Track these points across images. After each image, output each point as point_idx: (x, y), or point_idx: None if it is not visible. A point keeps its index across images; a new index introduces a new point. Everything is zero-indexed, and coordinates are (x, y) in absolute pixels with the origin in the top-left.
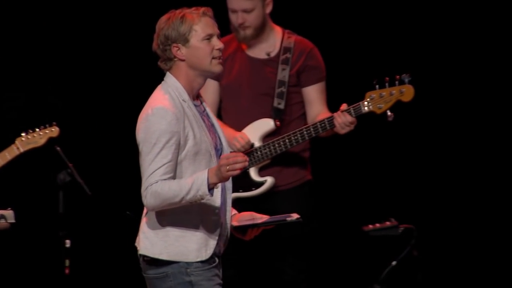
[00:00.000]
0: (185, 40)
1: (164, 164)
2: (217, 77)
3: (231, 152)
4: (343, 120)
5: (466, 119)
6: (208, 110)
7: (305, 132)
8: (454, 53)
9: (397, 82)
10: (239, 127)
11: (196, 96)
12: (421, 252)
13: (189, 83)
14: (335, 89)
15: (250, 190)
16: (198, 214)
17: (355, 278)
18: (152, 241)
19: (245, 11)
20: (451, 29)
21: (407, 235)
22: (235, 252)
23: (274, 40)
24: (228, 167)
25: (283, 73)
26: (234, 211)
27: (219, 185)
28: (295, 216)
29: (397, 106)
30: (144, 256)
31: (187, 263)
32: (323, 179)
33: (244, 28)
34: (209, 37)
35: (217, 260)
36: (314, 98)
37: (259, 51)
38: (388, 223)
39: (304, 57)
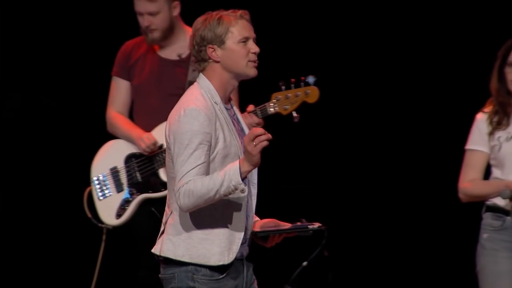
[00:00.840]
0: (221, 42)
1: (197, 165)
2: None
3: None
4: (250, 121)
5: (370, 119)
6: (239, 114)
7: None
8: (358, 54)
9: (302, 84)
10: (150, 127)
11: (228, 100)
12: (331, 252)
13: (223, 85)
14: (243, 90)
15: (160, 191)
16: (223, 217)
17: (266, 279)
18: (175, 243)
19: (151, 14)
20: (353, 30)
21: (318, 236)
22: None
23: (185, 42)
24: (254, 143)
25: (193, 74)
26: (257, 218)
27: (245, 189)
28: (317, 224)
29: (302, 107)
30: (160, 256)
31: (195, 268)
32: None
33: (151, 31)
34: (245, 40)
35: (235, 265)
36: None
37: (170, 52)
38: (299, 223)
39: None
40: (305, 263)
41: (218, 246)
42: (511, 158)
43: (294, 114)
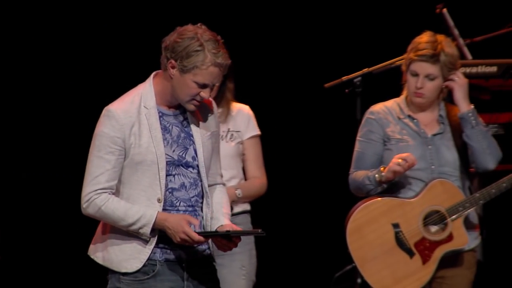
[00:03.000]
0: (183, 68)
1: (107, 170)
2: None
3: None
4: None
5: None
6: (195, 121)
7: None
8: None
9: None
10: None
11: (177, 106)
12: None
13: (165, 95)
14: None
15: None
16: None
17: None
18: (96, 242)
19: None
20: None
21: None
22: None
23: None
24: (179, 238)
25: None
26: (222, 222)
27: (162, 193)
28: (259, 230)
29: None
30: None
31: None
32: None
33: None
34: (203, 86)
35: (169, 267)
36: None
37: None
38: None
39: None
40: None
41: (124, 253)
42: None
43: None
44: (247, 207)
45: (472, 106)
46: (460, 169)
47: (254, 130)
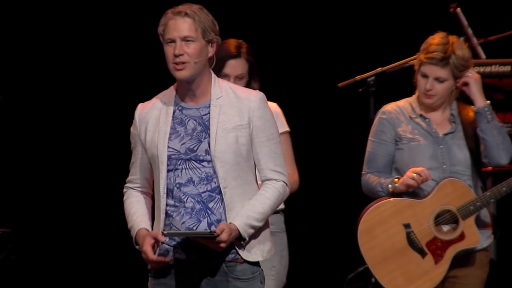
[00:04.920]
0: (162, 41)
1: (133, 164)
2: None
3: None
4: None
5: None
6: (216, 114)
7: None
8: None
9: None
10: None
11: (197, 99)
12: (18, 256)
13: (183, 88)
14: None
15: None
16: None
17: None
18: None
19: None
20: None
21: (4, 240)
22: None
23: None
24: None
25: None
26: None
27: (164, 188)
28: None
29: None
30: None
31: None
32: None
33: None
34: (170, 41)
35: (178, 270)
36: None
37: None
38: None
39: None
40: None
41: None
42: None
43: None
44: (281, 205)
45: (488, 102)
46: (472, 168)
47: (282, 127)
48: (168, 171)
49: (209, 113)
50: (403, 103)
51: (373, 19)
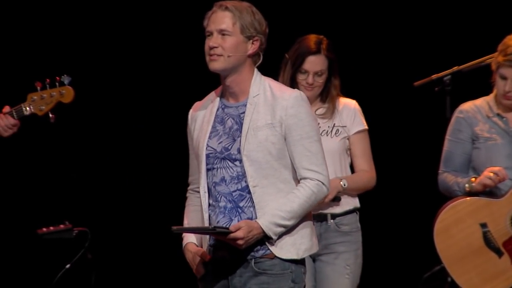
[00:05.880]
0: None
1: (190, 164)
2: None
3: None
4: (6, 123)
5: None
6: (250, 112)
7: None
8: (111, 56)
9: (57, 84)
10: None
11: (238, 97)
12: (94, 254)
13: (226, 86)
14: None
15: None
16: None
17: (29, 282)
18: None
19: None
20: (108, 32)
21: (81, 238)
22: None
23: None
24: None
25: None
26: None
27: (204, 187)
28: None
29: (59, 108)
30: None
31: None
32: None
33: None
34: (209, 34)
35: (214, 271)
36: None
37: None
38: (62, 226)
39: None
40: (68, 266)
41: None
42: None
43: (50, 114)
44: (356, 203)
45: None
46: None
47: (360, 124)
48: (207, 170)
49: (245, 111)
50: (480, 102)
51: (449, 17)
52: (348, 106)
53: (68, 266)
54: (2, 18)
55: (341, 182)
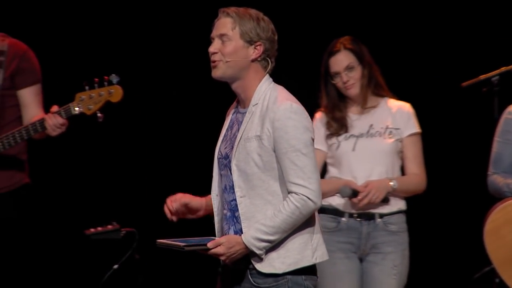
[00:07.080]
0: None
1: None
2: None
3: None
4: (54, 122)
5: (173, 120)
6: (247, 122)
7: (17, 135)
8: (159, 55)
9: (106, 83)
10: None
11: (247, 103)
12: (142, 255)
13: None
14: (49, 91)
15: None
16: None
17: (77, 282)
18: None
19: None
20: (154, 31)
21: (129, 239)
22: None
23: None
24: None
25: None
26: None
27: (217, 192)
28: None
29: (107, 107)
30: None
31: None
32: (43, 182)
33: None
34: (212, 40)
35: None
36: (29, 101)
37: None
38: (110, 226)
39: (18, 59)
40: (116, 266)
41: None
42: (348, 157)
43: (99, 114)
44: (402, 206)
45: None
46: None
47: (413, 127)
48: (220, 175)
49: (246, 117)
50: None
51: (497, 17)
52: (402, 109)
53: (115, 266)
54: (51, 18)
55: (391, 183)
